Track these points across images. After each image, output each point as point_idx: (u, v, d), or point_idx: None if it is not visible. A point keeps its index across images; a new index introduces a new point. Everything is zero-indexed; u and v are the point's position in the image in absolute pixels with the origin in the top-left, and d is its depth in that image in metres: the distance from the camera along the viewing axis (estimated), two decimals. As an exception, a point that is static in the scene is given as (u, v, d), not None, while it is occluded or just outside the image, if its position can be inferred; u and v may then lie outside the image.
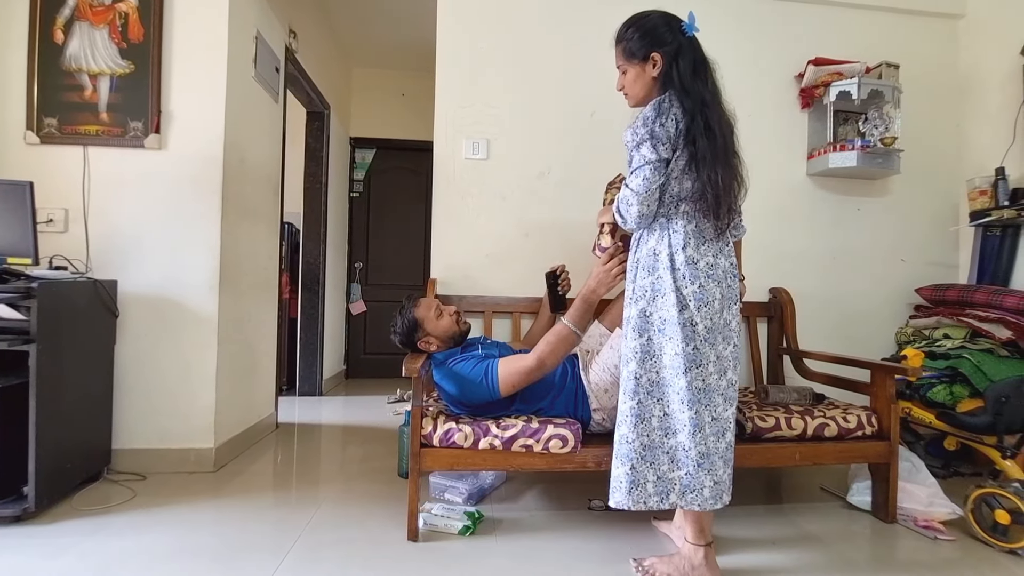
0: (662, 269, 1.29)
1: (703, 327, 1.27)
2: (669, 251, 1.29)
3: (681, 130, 1.24)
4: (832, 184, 2.44)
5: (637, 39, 1.31)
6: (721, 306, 1.29)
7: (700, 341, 1.27)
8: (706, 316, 1.27)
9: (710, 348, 1.28)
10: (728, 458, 1.31)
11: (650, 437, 1.29)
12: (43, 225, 1.92)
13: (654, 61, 1.29)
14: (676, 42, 1.28)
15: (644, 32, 1.30)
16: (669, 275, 1.27)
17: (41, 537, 1.51)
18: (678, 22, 1.31)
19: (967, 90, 2.52)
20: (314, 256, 3.55)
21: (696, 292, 1.27)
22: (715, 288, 1.28)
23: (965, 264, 2.45)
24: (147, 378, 2.04)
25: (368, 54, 3.99)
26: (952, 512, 1.67)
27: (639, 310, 1.31)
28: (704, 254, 1.28)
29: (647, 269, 1.32)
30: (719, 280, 1.29)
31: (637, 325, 1.31)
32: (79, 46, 2.03)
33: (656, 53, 1.29)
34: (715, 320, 1.28)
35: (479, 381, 1.57)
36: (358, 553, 1.46)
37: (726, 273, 1.31)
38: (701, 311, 1.27)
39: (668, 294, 1.27)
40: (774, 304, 2.29)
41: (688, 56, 1.28)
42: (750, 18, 2.42)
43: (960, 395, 1.92)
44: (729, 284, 1.31)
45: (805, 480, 2.12)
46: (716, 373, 1.28)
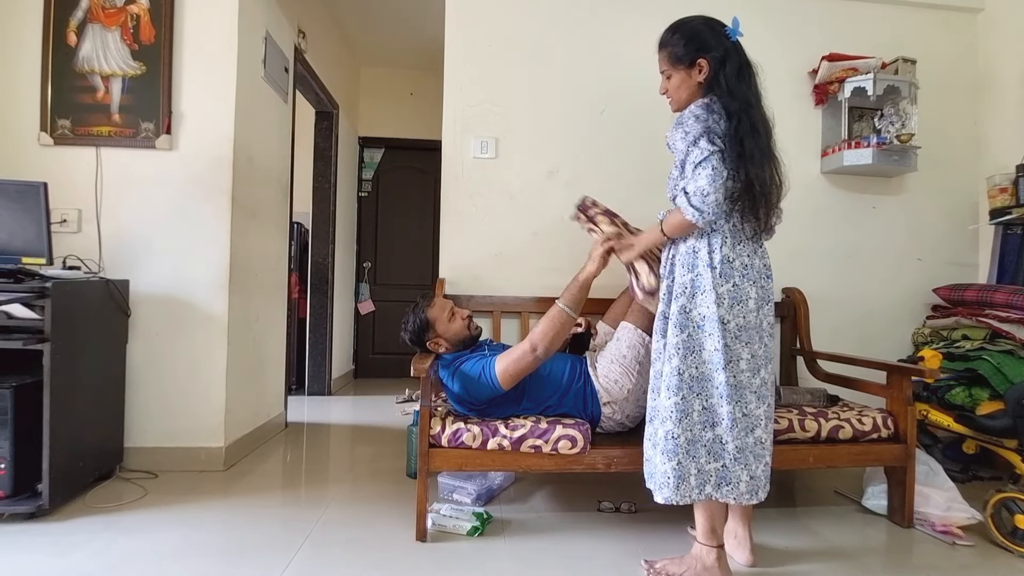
0: (702, 266, 1.30)
1: (734, 325, 1.29)
2: (708, 248, 1.30)
3: (726, 131, 1.27)
4: (846, 182, 2.40)
5: (683, 44, 1.33)
6: (756, 305, 1.31)
7: (731, 339, 1.29)
8: (739, 314, 1.30)
9: (743, 346, 1.30)
10: (759, 453, 1.31)
11: (692, 431, 1.31)
12: (57, 225, 1.94)
13: (700, 67, 1.32)
14: (722, 47, 1.31)
15: (690, 38, 1.33)
16: (708, 272, 1.29)
17: (54, 534, 1.53)
18: (722, 27, 1.34)
19: (986, 85, 2.46)
20: (323, 256, 3.57)
21: (730, 291, 1.29)
22: (750, 287, 1.30)
23: (984, 263, 2.40)
24: (158, 377, 2.06)
25: (377, 53, 4.00)
26: (971, 517, 1.64)
27: (679, 306, 1.32)
28: (740, 254, 1.31)
29: (686, 266, 1.33)
30: (754, 280, 1.31)
31: (678, 321, 1.32)
32: (92, 48, 2.05)
33: (703, 59, 1.31)
34: (748, 319, 1.30)
35: (478, 377, 1.56)
36: (366, 553, 1.46)
37: (760, 273, 1.33)
38: (734, 309, 1.29)
39: (708, 291, 1.29)
40: (787, 304, 2.26)
41: (734, 61, 1.31)
42: (762, 13, 2.38)
43: (979, 397, 1.87)
44: (763, 284, 1.33)
45: (819, 483, 2.09)
46: (749, 371, 1.31)
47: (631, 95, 2.24)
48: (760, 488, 1.31)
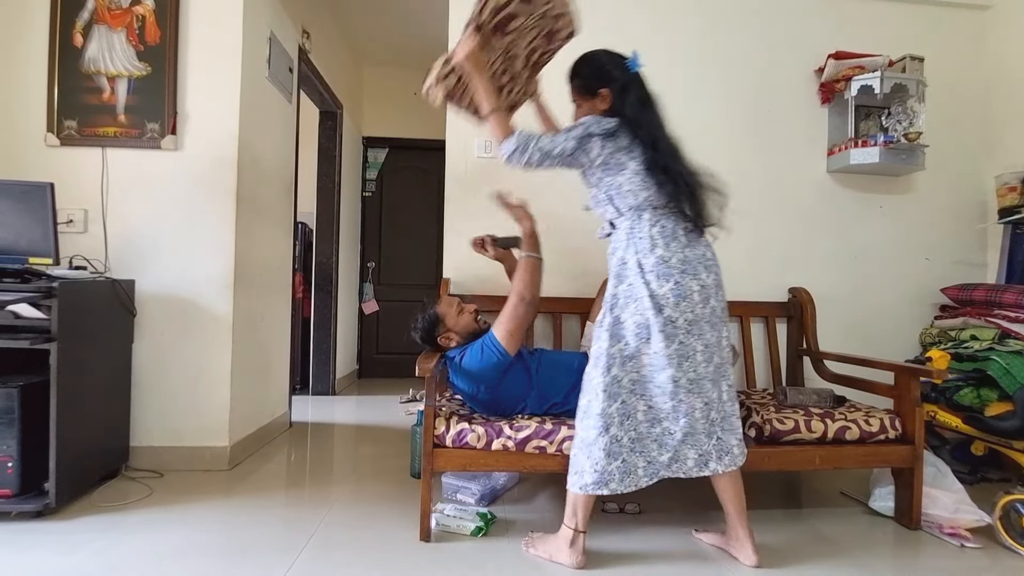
0: (632, 276, 1.38)
1: (684, 320, 1.35)
2: (636, 258, 1.38)
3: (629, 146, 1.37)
4: (853, 181, 2.38)
5: (586, 76, 1.45)
6: (701, 297, 1.36)
7: (684, 334, 1.36)
8: (686, 310, 1.35)
9: (695, 339, 1.36)
10: (711, 431, 1.39)
11: (637, 431, 1.39)
12: (63, 226, 1.96)
13: (603, 96, 1.43)
14: (622, 78, 1.41)
15: (593, 70, 1.44)
16: (640, 280, 1.36)
17: (60, 533, 1.53)
18: (622, 59, 1.44)
19: (995, 83, 2.44)
20: (327, 256, 3.58)
21: (673, 289, 1.34)
22: (691, 281, 1.35)
23: (993, 263, 2.38)
24: (164, 376, 2.07)
25: (380, 53, 4.00)
26: (979, 519, 1.62)
27: (614, 317, 1.40)
28: (675, 251, 1.37)
29: (618, 278, 1.41)
30: (693, 273, 1.36)
31: (613, 332, 1.39)
32: (98, 49, 2.06)
33: (604, 89, 1.42)
34: (696, 312, 1.36)
35: (482, 353, 1.59)
36: (370, 553, 1.46)
37: (700, 265, 1.37)
38: (680, 306, 1.35)
39: (642, 298, 1.36)
40: (793, 304, 2.25)
41: (635, 90, 1.41)
42: (768, 11, 2.37)
43: (988, 398, 1.86)
44: (704, 275, 1.37)
45: (825, 484, 2.07)
46: (705, 361, 1.37)
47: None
48: (712, 459, 1.38)
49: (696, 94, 2.32)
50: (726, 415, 1.42)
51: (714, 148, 2.32)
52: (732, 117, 2.33)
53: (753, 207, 2.31)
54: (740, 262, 2.28)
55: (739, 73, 2.34)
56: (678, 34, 2.32)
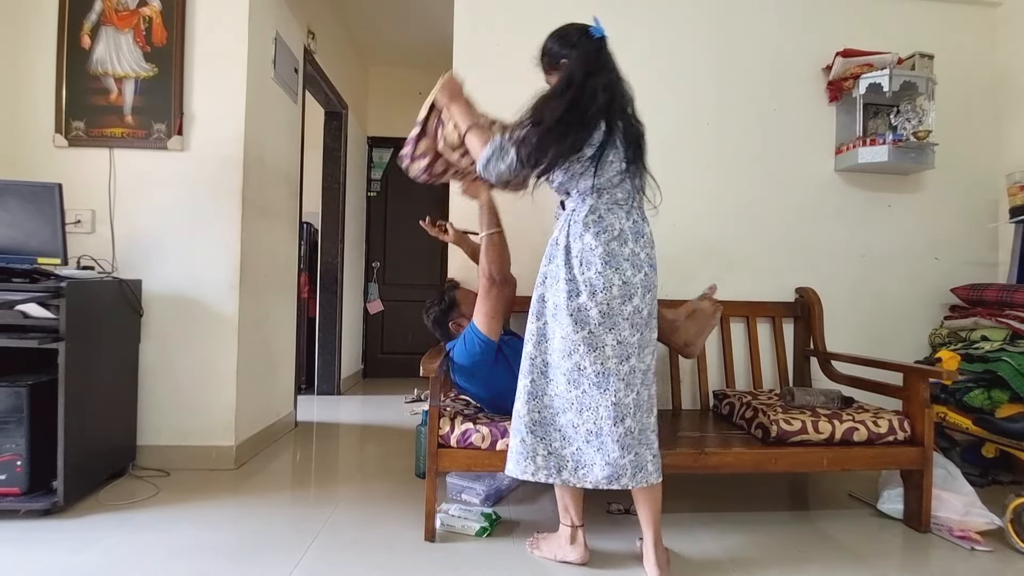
0: (559, 258, 1.35)
1: (597, 312, 1.31)
2: (566, 240, 1.35)
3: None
4: (862, 180, 2.35)
5: (550, 48, 1.44)
6: (622, 292, 1.31)
7: (595, 325, 1.31)
8: (601, 301, 1.30)
9: (607, 332, 1.31)
10: (626, 444, 1.31)
11: (541, 413, 1.37)
12: (71, 226, 1.97)
13: (564, 67, 1.39)
14: (581, 44, 1.37)
15: (554, 42, 1.43)
16: (563, 263, 1.33)
17: (68, 531, 1.54)
18: (585, 28, 1.40)
19: (1006, 81, 2.41)
20: (332, 255, 3.58)
21: (592, 278, 1.31)
22: (612, 274, 1.30)
23: (1005, 262, 2.35)
24: (170, 376, 2.08)
25: (385, 53, 4.01)
26: (990, 522, 1.60)
27: (539, 295, 1.39)
28: (603, 242, 1.31)
29: (547, 256, 1.40)
30: (617, 267, 1.31)
31: (536, 309, 1.39)
32: (105, 50, 2.07)
33: (564, 59, 1.39)
34: (613, 305, 1.31)
35: (463, 341, 1.60)
36: (375, 553, 1.46)
37: (628, 261, 1.32)
38: (596, 297, 1.31)
39: (560, 280, 1.33)
40: (800, 304, 2.23)
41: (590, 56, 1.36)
42: (775, 8, 2.35)
43: (999, 400, 1.83)
44: (633, 272, 1.32)
45: (833, 486, 2.06)
46: (616, 357, 1.32)
47: (637, 94, 2.21)
48: (623, 475, 1.31)
49: (703, 93, 2.30)
50: (644, 428, 1.34)
51: (721, 147, 2.31)
52: (739, 115, 2.32)
53: (760, 206, 2.30)
54: (747, 261, 2.27)
55: (746, 71, 2.32)
56: (684, 33, 2.30)
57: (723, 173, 2.29)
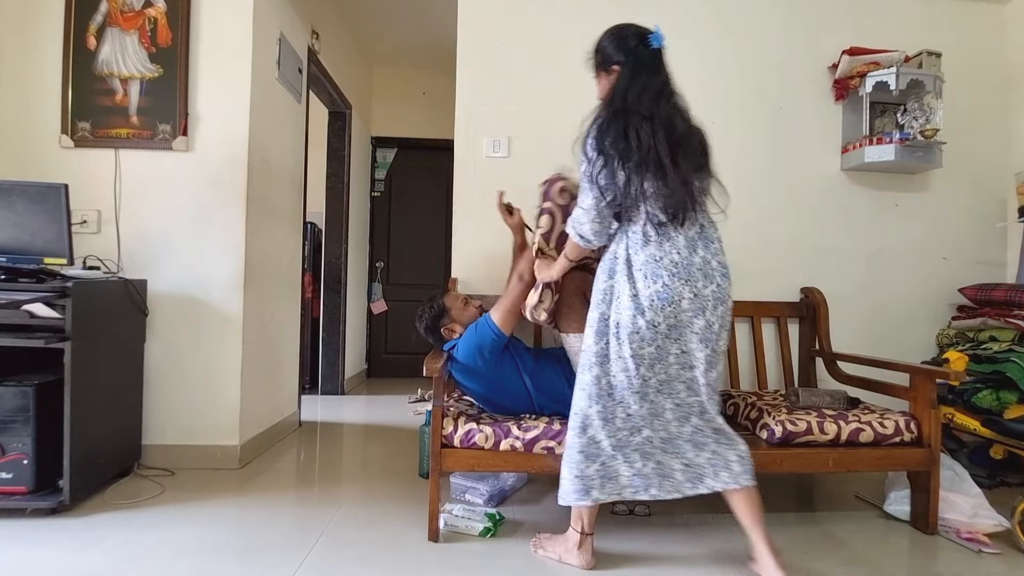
0: (619, 272, 1.31)
1: (665, 325, 1.27)
2: (627, 252, 1.31)
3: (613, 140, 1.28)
4: (868, 179, 2.34)
5: (604, 49, 1.39)
6: (692, 306, 1.26)
7: (663, 339, 1.28)
8: (670, 315, 1.26)
9: (673, 343, 1.29)
10: (698, 441, 1.33)
11: (617, 437, 1.33)
12: (77, 226, 1.98)
13: (614, 72, 1.35)
14: (634, 54, 1.32)
15: (609, 43, 1.37)
16: (626, 277, 1.29)
17: (74, 530, 1.55)
18: (645, 34, 1.35)
19: (1014, 79, 2.39)
20: (336, 255, 3.59)
21: (659, 292, 1.26)
22: (682, 287, 1.26)
23: (1013, 262, 2.33)
24: (175, 375, 2.09)
25: (389, 53, 4.01)
26: (998, 524, 1.59)
27: (599, 314, 1.33)
28: (668, 251, 1.28)
29: (606, 272, 1.35)
30: (687, 278, 1.26)
31: (597, 328, 1.33)
32: (111, 51, 2.08)
33: (616, 65, 1.35)
34: (681, 319, 1.27)
35: (475, 328, 1.60)
36: (378, 553, 1.46)
37: (700, 271, 1.28)
38: (664, 311, 1.26)
39: (623, 297, 1.29)
40: (806, 304, 2.21)
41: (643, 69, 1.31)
42: (781, 6, 2.34)
43: (1008, 401, 1.82)
44: (704, 283, 1.27)
45: (839, 487, 2.04)
46: (678, 365, 1.30)
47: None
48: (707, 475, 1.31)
49: (709, 91, 2.29)
50: (717, 428, 1.33)
51: (727, 145, 2.29)
52: (745, 114, 2.31)
53: (765, 205, 2.28)
54: (752, 261, 2.26)
55: (752, 69, 2.31)
56: (690, 31, 2.30)
57: (729, 171, 2.26)
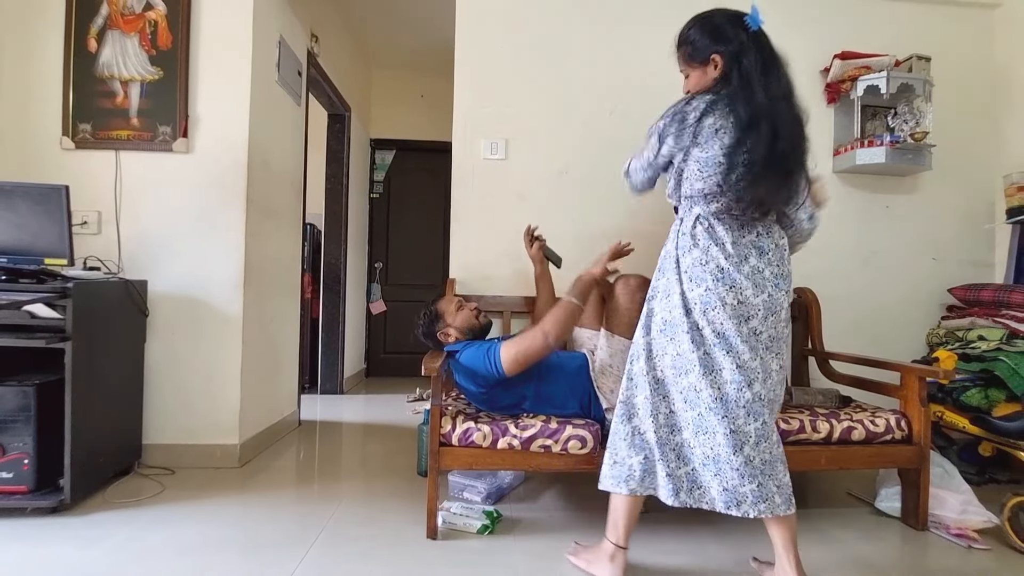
0: (670, 270, 1.30)
1: (711, 331, 1.24)
2: (676, 253, 1.30)
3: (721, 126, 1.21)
4: (860, 181, 2.37)
5: (697, 39, 1.28)
6: (736, 313, 1.22)
7: (711, 346, 1.24)
8: (714, 320, 1.23)
9: (724, 355, 1.23)
10: (745, 472, 1.22)
11: (659, 433, 1.29)
12: (78, 227, 1.99)
13: (715, 63, 1.26)
14: (738, 40, 1.23)
15: (705, 32, 1.27)
16: (675, 276, 1.28)
17: (75, 528, 1.56)
18: (740, 17, 1.25)
19: (1003, 83, 2.42)
20: (335, 256, 3.61)
21: (702, 296, 1.24)
22: (726, 293, 1.22)
23: (1001, 263, 2.36)
24: (176, 375, 2.10)
25: (388, 56, 4.03)
26: (987, 520, 1.62)
27: (648, 309, 1.35)
28: (715, 256, 1.24)
29: (660, 270, 1.35)
30: (732, 285, 1.23)
31: (644, 323, 1.34)
32: (111, 54, 2.10)
33: (716, 54, 1.25)
34: (727, 327, 1.23)
35: (482, 360, 1.58)
36: (378, 550, 1.48)
37: (749, 279, 1.23)
38: (708, 315, 1.24)
39: (674, 295, 1.28)
40: (799, 304, 2.24)
41: (751, 54, 1.22)
42: (774, 10, 2.33)
43: (996, 399, 1.85)
44: (754, 292, 1.23)
45: (831, 485, 2.07)
46: (735, 383, 1.23)
47: (641, 95, 2.24)
48: (746, 503, 1.21)
49: (701, 95, 2.32)
50: (768, 459, 1.24)
51: (720, 149, 2.33)
52: (738, 118, 2.34)
53: (759, 207, 2.32)
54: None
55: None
56: (683, 35, 2.33)
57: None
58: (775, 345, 1.27)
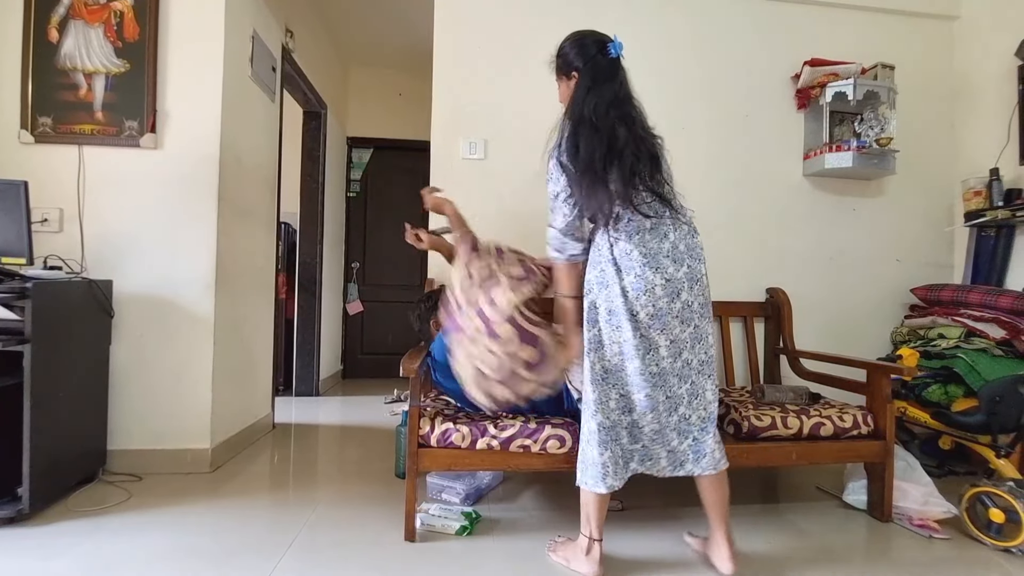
0: (604, 261, 1.36)
1: (645, 314, 1.32)
2: (609, 243, 1.36)
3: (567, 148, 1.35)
4: (828, 184, 2.45)
5: (564, 54, 1.43)
6: (666, 291, 1.32)
7: (645, 328, 1.33)
8: (647, 303, 1.31)
9: (658, 334, 1.33)
10: (683, 429, 1.38)
11: (609, 419, 1.37)
12: (38, 225, 1.91)
13: (574, 78, 1.41)
14: (591, 61, 1.38)
15: (569, 49, 1.42)
16: (611, 266, 1.34)
17: (36, 539, 1.50)
18: (605, 42, 1.40)
19: (962, 91, 2.53)
20: (311, 256, 3.54)
21: (633, 282, 1.32)
22: (653, 275, 1.31)
23: (960, 264, 2.47)
24: (143, 378, 2.03)
25: (365, 53, 3.98)
26: (947, 511, 1.68)
27: (590, 302, 1.38)
28: (637, 244, 1.33)
29: (593, 263, 1.39)
30: (657, 267, 1.32)
31: (588, 316, 1.38)
32: (74, 45, 2.01)
33: (575, 71, 1.40)
34: (659, 306, 1.32)
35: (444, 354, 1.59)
36: (355, 554, 1.46)
37: (668, 257, 1.33)
38: (641, 299, 1.32)
39: (612, 284, 1.34)
40: (771, 304, 2.30)
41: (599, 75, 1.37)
42: (746, 19, 2.43)
43: (955, 394, 1.93)
44: (675, 267, 1.32)
45: (801, 479, 2.13)
46: (669, 356, 1.35)
47: (618, 98, 2.27)
48: (688, 461, 1.38)
49: (677, 99, 2.36)
50: (703, 417, 1.38)
51: (694, 152, 2.37)
52: (711, 122, 2.39)
53: (732, 209, 2.37)
54: (720, 263, 2.32)
55: (719, 79, 2.40)
56: (658, 41, 2.36)
57: (696, 177, 2.35)
58: (704, 310, 1.37)
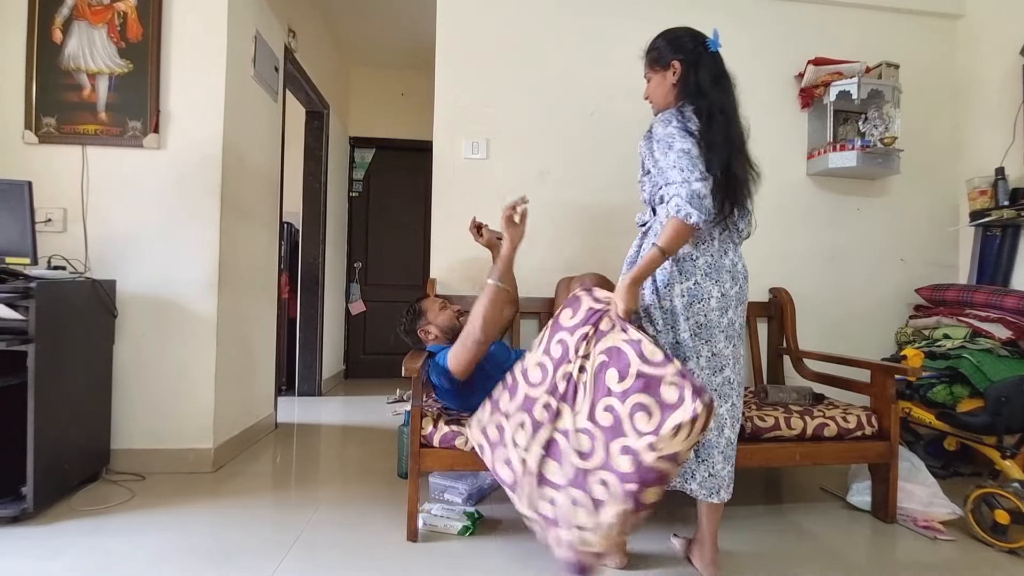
0: (668, 263, 1.32)
1: (693, 322, 1.31)
2: None
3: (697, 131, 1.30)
4: (832, 184, 2.44)
5: (660, 48, 1.42)
6: (720, 305, 1.31)
7: (690, 336, 1.32)
8: (698, 312, 1.31)
9: (702, 344, 1.32)
10: (728, 455, 1.35)
11: None
12: (41, 225, 1.92)
13: (674, 68, 1.38)
14: (696, 53, 1.37)
15: (668, 42, 1.41)
16: (673, 267, 1.32)
17: (39, 538, 1.50)
18: (703, 37, 1.39)
19: (966, 90, 2.52)
20: (313, 256, 3.55)
21: (691, 288, 1.31)
22: (712, 287, 1.31)
23: (965, 264, 2.45)
24: (146, 378, 2.04)
25: (368, 53, 3.99)
26: (952, 512, 1.67)
27: (644, 306, 1.38)
28: (703, 252, 1.32)
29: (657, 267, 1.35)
30: (717, 279, 1.32)
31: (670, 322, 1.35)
32: (78, 45, 2.02)
33: (676, 60, 1.38)
34: (710, 318, 1.31)
35: (438, 364, 1.59)
36: (357, 554, 1.46)
37: (729, 272, 1.33)
38: (693, 307, 1.31)
39: (674, 285, 1.32)
40: (774, 304, 2.29)
41: (708, 68, 1.35)
42: (750, 18, 2.42)
43: (960, 395, 1.91)
44: (729, 285, 1.33)
45: (805, 480, 2.12)
46: (709, 369, 1.33)
47: (622, 96, 2.26)
48: (722, 488, 1.34)
49: (680, 98, 2.36)
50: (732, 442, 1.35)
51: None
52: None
53: (736, 209, 2.36)
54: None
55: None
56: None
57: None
58: (743, 332, 1.38)
